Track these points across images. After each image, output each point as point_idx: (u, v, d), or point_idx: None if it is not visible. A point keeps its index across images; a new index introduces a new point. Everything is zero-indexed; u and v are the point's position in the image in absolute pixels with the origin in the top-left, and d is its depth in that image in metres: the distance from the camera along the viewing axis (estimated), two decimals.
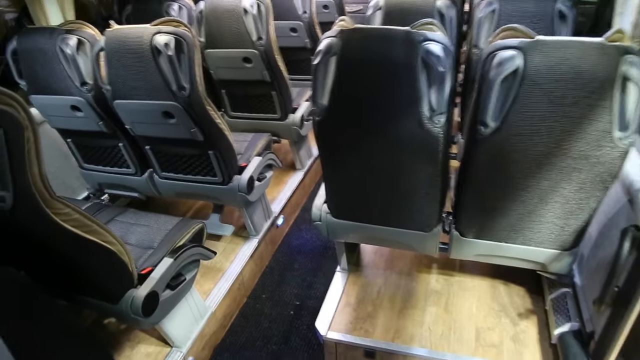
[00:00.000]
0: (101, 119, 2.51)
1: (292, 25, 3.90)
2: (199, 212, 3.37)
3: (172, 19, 2.12)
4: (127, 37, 2.11)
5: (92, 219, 1.65)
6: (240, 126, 3.59)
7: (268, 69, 3.07)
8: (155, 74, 2.11)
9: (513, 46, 1.42)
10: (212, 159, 2.46)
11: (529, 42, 1.41)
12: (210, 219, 3.07)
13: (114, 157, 2.80)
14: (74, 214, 1.58)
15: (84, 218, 1.62)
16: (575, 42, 1.37)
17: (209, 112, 2.29)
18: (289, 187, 3.64)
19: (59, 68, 2.35)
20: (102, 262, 1.73)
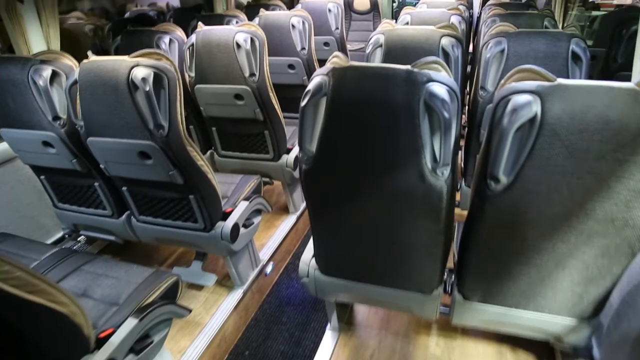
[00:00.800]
0: (75, 156, 2.31)
1: (290, 61, 3.76)
2: (181, 258, 3.13)
3: (153, 51, 1.95)
4: (103, 69, 1.93)
5: (38, 276, 1.42)
6: (230, 165, 3.39)
7: (261, 107, 2.90)
8: (131, 111, 1.92)
9: (530, 90, 1.22)
10: (192, 203, 2.25)
11: (548, 87, 1.21)
12: (192, 267, 2.82)
13: (89, 197, 2.59)
14: (16, 272, 1.35)
15: (29, 276, 1.39)
16: (603, 88, 1.17)
17: (190, 153, 2.09)
18: (280, 232, 3.41)
19: (30, 100, 2.17)
20: (49, 327, 1.48)
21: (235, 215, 2.42)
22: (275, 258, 3.22)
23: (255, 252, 2.88)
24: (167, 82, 1.92)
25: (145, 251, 3.18)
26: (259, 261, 2.97)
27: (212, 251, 2.55)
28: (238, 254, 2.61)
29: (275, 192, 3.89)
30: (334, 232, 1.72)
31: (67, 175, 2.48)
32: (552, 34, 2.22)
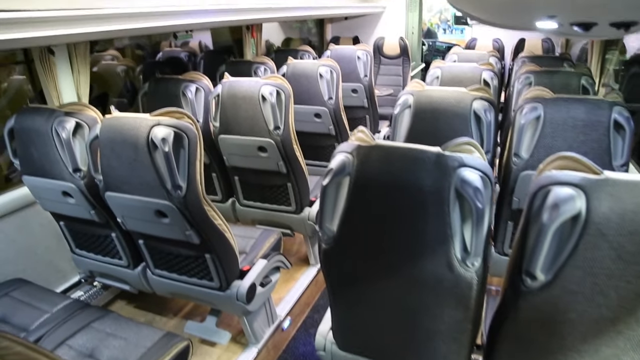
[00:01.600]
0: (93, 207, 2.28)
1: (316, 110, 3.73)
2: (194, 311, 3.03)
3: (175, 109, 1.92)
4: (124, 126, 1.90)
5: (39, 350, 1.34)
6: (251, 215, 3.32)
7: (284, 159, 2.84)
8: (150, 170, 1.87)
9: (573, 183, 1.10)
10: (208, 262, 2.17)
11: (594, 180, 1.08)
12: (207, 322, 2.72)
13: (106, 246, 2.54)
14: (15, 347, 1.28)
15: (29, 350, 1.31)
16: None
17: (208, 213, 2.03)
18: (299, 285, 3.29)
19: (52, 151, 2.17)
20: None
21: (252, 275, 2.32)
22: (293, 312, 3.10)
23: (272, 308, 2.77)
24: (188, 141, 1.88)
25: (160, 300, 3.10)
26: (276, 317, 2.85)
27: (227, 310, 2.45)
28: (254, 312, 2.51)
29: (296, 242, 3.79)
30: (353, 310, 1.61)
31: (86, 224, 2.45)
32: (592, 101, 2.10)
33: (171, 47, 6.02)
